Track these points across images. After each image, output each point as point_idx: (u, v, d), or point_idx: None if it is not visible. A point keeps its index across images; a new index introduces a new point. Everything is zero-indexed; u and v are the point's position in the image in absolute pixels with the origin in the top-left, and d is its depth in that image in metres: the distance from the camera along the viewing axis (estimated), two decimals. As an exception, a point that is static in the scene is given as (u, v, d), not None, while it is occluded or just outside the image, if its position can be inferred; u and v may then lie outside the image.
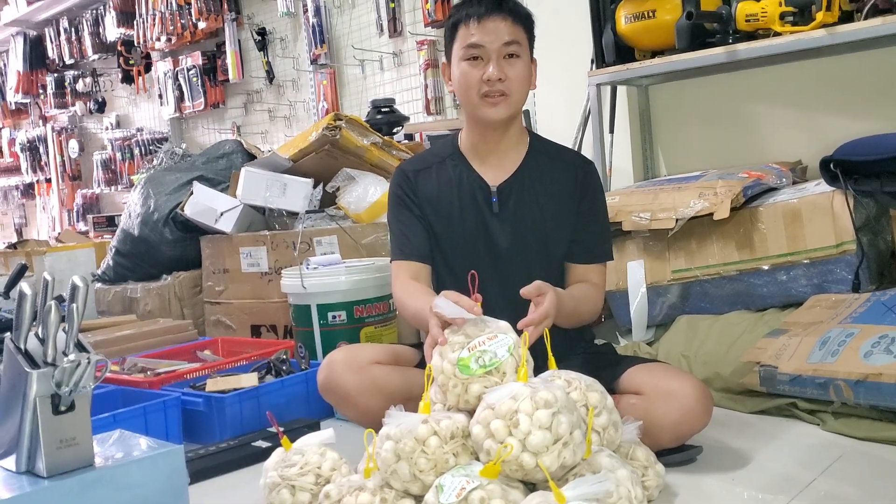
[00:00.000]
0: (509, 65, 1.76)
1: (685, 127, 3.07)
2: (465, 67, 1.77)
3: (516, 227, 1.83)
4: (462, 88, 1.80)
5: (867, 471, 1.61)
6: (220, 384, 2.17)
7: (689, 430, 1.64)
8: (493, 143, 1.85)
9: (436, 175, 1.88)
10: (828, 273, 2.23)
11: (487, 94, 1.76)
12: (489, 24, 1.74)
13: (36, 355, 1.40)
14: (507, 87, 1.76)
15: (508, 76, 1.75)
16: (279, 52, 4.77)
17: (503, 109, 1.78)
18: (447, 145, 1.93)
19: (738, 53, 2.48)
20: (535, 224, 1.83)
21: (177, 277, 3.29)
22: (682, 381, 1.66)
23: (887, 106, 2.60)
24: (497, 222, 1.83)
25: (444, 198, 1.86)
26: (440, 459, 1.34)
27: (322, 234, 2.82)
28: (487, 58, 1.75)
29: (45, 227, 6.91)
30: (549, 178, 1.85)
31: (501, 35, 1.74)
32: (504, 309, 1.77)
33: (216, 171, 3.46)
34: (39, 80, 6.61)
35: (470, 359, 1.40)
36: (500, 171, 1.85)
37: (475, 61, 1.76)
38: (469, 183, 1.85)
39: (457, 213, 1.85)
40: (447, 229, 1.86)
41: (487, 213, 1.83)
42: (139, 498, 1.46)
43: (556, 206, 1.84)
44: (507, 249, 1.82)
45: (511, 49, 1.75)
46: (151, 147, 5.61)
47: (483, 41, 1.74)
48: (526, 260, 1.82)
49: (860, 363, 1.78)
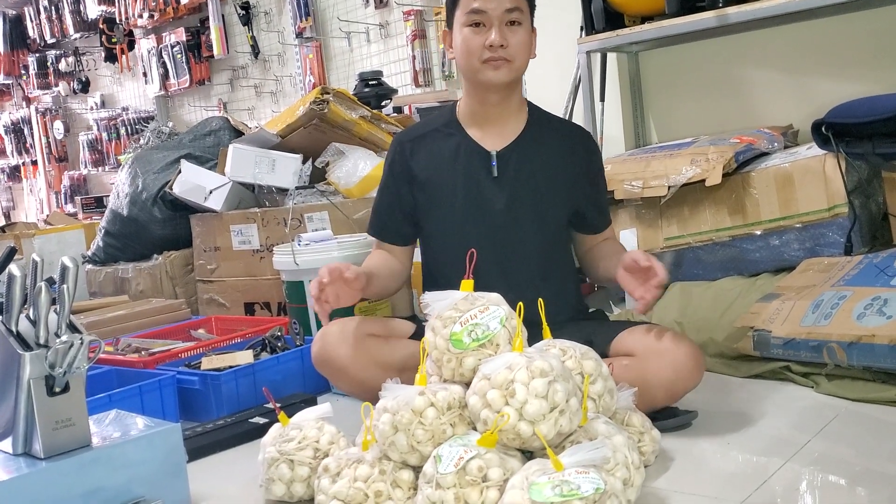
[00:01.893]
0: (511, 31, 1.78)
1: (676, 93, 3.05)
2: (468, 33, 1.78)
3: (514, 191, 1.85)
4: (464, 54, 1.80)
5: (861, 431, 1.62)
6: (215, 362, 2.17)
7: (682, 387, 1.65)
8: (492, 111, 1.86)
9: (432, 142, 1.90)
10: (820, 237, 2.23)
11: (490, 60, 1.78)
12: None
13: (28, 337, 1.39)
14: (509, 53, 1.78)
15: (510, 42, 1.77)
16: (264, 26, 4.71)
17: (505, 74, 1.79)
18: (444, 114, 1.96)
19: (728, 17, 2.46)
20: (533, 190, 1.85)
21: (168, 257, 3.27)
22: (674, 339, 1.67)
23: (878, 68, 2.59)
24: (494, 187, 1.85)
25: (438, 164, 1.88)
26: (437, 430, 1.34)
27: (313, 210, 2.80)
28: (489, 24, 1.76)
29: (33, 210, 6.85)
30: (548, 148, 1.88)
31: (504, 1, 1.76)
32: (495, 273, 1.81)
33: (204, 149, 3.43)
34: (21, 60, 6.52)
35: (462, 333, 1.40)
36: (499, 138, 1.87)
37: (477, 27, 1.78)
38: (466, 150, 1.86)
39: (450, 179, 1.86)
40: (441, 195, 1.87)
41: (485, 177, 1.85)
42: (137, 477, 1.46)
43: (555, 175, 1.87)
44: (500, 212, 1.84)
45: (513, 16, 1.77)
46: (138, 126, 5.55)
47: (485, 7, 1.76)
48: (520, 224, 1.85)
49: (853, 325, 1.79)
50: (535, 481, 1.18)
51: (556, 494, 1.15)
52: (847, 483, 1.41)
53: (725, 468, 1.52)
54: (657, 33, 2.66)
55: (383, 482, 1.34)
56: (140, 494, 1.46)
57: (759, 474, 1.45)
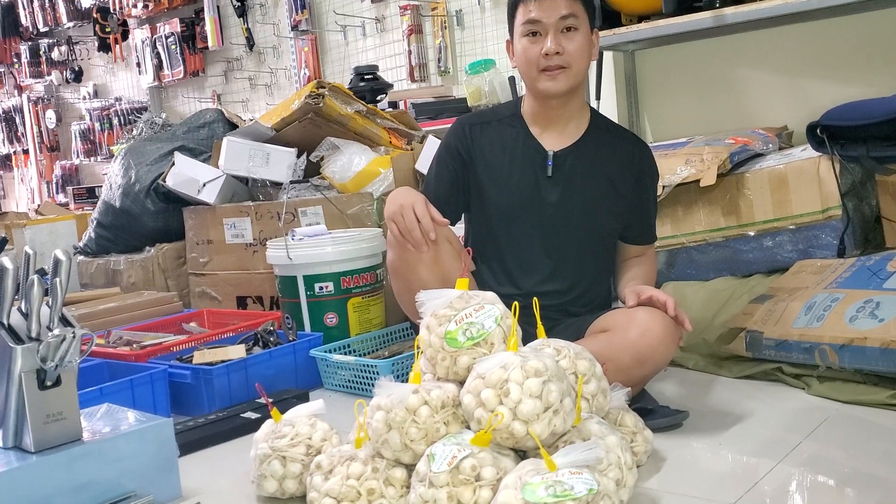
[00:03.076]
0: (567, 38, 1.81)
1: (671, 93, 3.06)
2: (525, 43, 1.83)
3: (566, 190, 1.90)
4: (523, 64, 1.86)
5: (852, 433, 1.63)
6: (207, 356, 2.16)
7: (650, 352, 1.65)
8: (553, 114, 1.91)
9: (494, 131, 1.94)
10: (813, 238, 2.24)
11: (547, 69, 1.82)
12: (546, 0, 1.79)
13: (20, 330, 1.38)
14: (566, 61, 1.81)
15: (566, 49, 1.80)
16: (259, 18, 4.68)
17: (562, 82, 1.83)
18: (509, 107, 2.01)
19: (725, 18, 2.47)
20: (584, 191, 1.90)
21: (160, 249, 3.26)
22: (647, 311, 1.70)
23: (874, 71, 2.59)
24: (548, 184, 1.90)
25: (498, 154, 1.93)
26: (431, 429, 1.34)
27: (307, 205, 2.79)
28: (545, 32, 1.80)
29: (24, 200, 6.81)
30: (606, 154, 1.92)
31: (558, 9, 1.79)
32: (544, 259, 1.92)
33: (197, 141, 3.41)
34: (13, 48, 6.47)
35: (457, 331, 1.40)
36: (559, 139, 1.92)
37: (534, 37, 1.82)
38: (525, 145, 1.92)
39: (507, 170, 1.92)
40: (496, 182, 1.93)
41: (541, 174, 1.90)
42: (129, 471, 1.46)
43: (609, 181, 1.91)
44: (554, 205, 1.89)
45: (568, 22, 1.80)
46: (131, 117, 5.51)
47: (540, 16, 1.80)
48: (568, 220, 1.90)
49: (845, 327, 1.80)
50: (528, 481, 1.18)
51: (549, 495, 1.15)
52: (837, 484, 1.41)
53: (717, 469, 1.53)
54: (654, 33, 2.66)
55: (376, 480, 1.34)
56: (131, 489, 1.45)
57: (751, 475, 1.46)
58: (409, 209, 1.71)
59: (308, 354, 2.25)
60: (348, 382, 2.19)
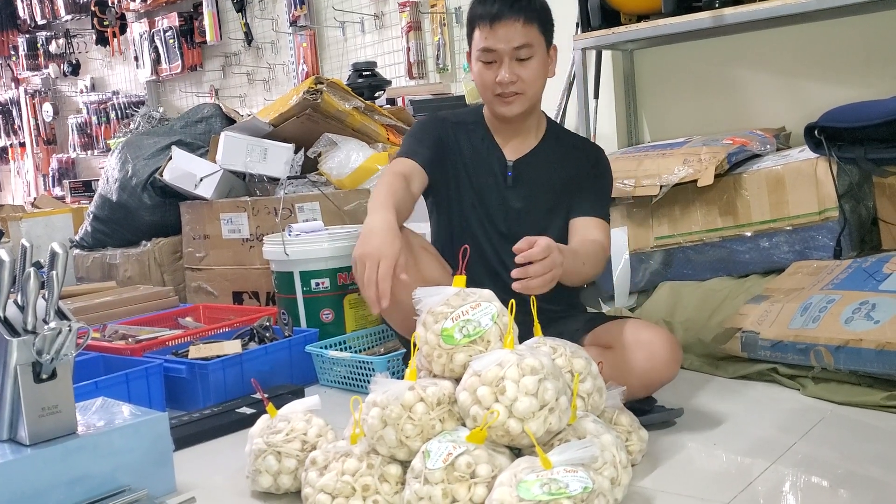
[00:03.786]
0: (522, 66, 1.81)
1: (670, 93, 3.06)
2: (481, 68, 1.84)
3: (524, 197, 1.91)
4: (479, 87, 1.88)
5: (846, 435, 1.63)
6: (203, 351, 2.16)
7: (658, 378, 1.68)
8: (512, 130, 1.94)
9: (463, 134, 1.95)
10: (810, 240, 2.25)
11: (502, 94, 1.83)
12: (501, 28, 1.78)
13: (16, 323, 1.38)
14: (520, 87, 1.82)
15: (521, 77, 1.81)
16: (258, 13, 4.68)
17: (517, 107, 1.85)
18: (474, 112, 2.02)
19: (724, 18, 2.47)
20: (540, 198, 1.91)
21: (156, 243, 3.25)
22: (651, 331, 1.70)
23: (872, 73, 2.60)
24: (511, 192, 1.92)
25: (465, 156, 1.94)
26: (427, 425, 1.34)
27: (304, 201, 2.79)
28: (500, 60, 1.80)
29: (21, 193, 6.79)
30: (562, 161, 1.93)
31: (512, 39, 1.78)
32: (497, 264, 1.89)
33: (195, 136, 3.41)
34: (10, 40, 6.45)
35: (454, 329, 1.40)
36: (519, 148, 1.94)
37: (489, 64, 1.82)
38: (489, 152, 1.93)
39: (472, 174, 1.93)
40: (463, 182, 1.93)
41: (502, 183, 1.92)
42: (123, 465, 1.46)
43: (563, 187, 1.91)
44: (519, 210, 1.90)
45: (522, 53, 1.80)
46: (128, 111, 5.50)
47: (495, 46, 1.79)
48: (537, 218, 1.89)
49: (841, 329, 1.80)
50: (523, 479, 1.18)
51: (544, 492, 1.15)
52: (831, 486, 1.42)
53: (711, 469, 1.53)
54: (653, 32, 2.66)
55: (371, 476, 1.34)
56: (126, 483, 1.45)
57: (745, 475, 1.46)
58: (374, 265, 1.53)
59: (304, 350, 2.25)
60: (344, 379, 2.19)
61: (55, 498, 1.37)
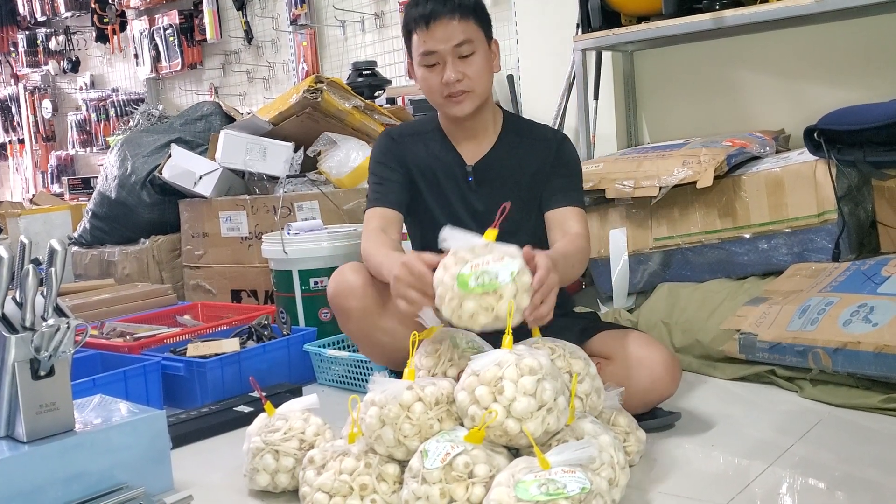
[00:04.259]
0: (466, 64, 1.77)
1: (670, 94, 3.06)
2: (425, 73, 1.80)
3: (490, 200, 1.85)
4: (426, 92, 1.83)
5: (844, 437, 1.63)
6: (201, 349, 2.16)
7: (657, 397, 1.68)
8: (467, 128, 1.89)
9: (420, 145, 1.91)
10: (808, 242, 2.25)
11: (450, 95, 1.78)
12: (438, 28, 1.74)
13: (14, 320, 1.38)
14: (468, 85, 1.77)
15: (467, 74, 1.77)
16: (258, 11, 4.67)
17: (468, 105, 1.80)
18: (429, 120, 1.97)
19: (724, 20, 2.47)
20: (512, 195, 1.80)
21: (155, 241, 3.25)
22: (652, 349, 1.69)
23: (872, 76, 2.60)
24: (474, 196, 1.88)
25: (426, 166, 1.90)
26: (425, 425, 1.34)
27: (303, 199, 2.79)
28: (443, 61, 1.76)
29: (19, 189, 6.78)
30: (523, 155, 1.88)
31: (452, 37, 1.74)
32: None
33: (194, 134, 3.41)
34: (10, 37, 6.43)
35: (470, 276, 1.37)
36: (477, 149, 1.90)
37: (432, 67, 1.78)
38: (448, 158, 1.89)
39: (435, 182, 1.89)
40: (429, 192, 1.90)
41: (465, 187, 1.88)
42: (121, 463, 1.46)
43: (531, 181, 1.87)
44: (482, 213, 1.85)
45: (463, 49, 1.75)
46: (127, 108, 5.49)
47: (435, 47, 1.75)
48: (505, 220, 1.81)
49: (839, 331, 1.80)
50: (521, 479, 1.18)
51: (542, 493, 1.15)
52: (828, 488, 1.42)
53: (709, 470, 1.53)
54: (653, 34, 2.66)
55: (369, 475, 1.34)
56: (123, 480, 1.45)
57: (742, 477, 1.47)
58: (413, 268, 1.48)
59: (302, 349, 2.25)
60: (342, 378, 2.19)
61: (52, 495, 1.37)
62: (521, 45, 3.37)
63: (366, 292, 1.76)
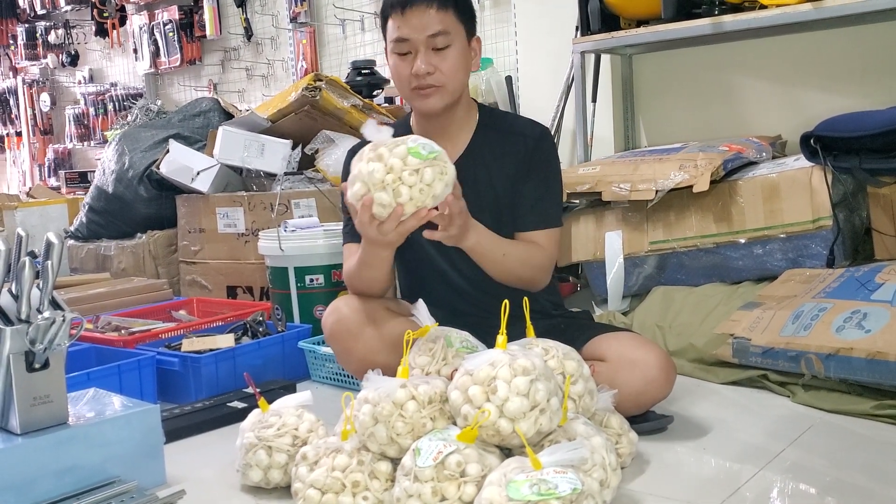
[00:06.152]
0: (439, 57, 1.70)
1: (667, 98, 3.07)
2: (396, 61, 1.72)
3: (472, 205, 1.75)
4: (396, 82, 1.76)
5: (835, 442, 1.64)
6: (195, 344, 2.16)
7: (650, 398, 1.67)
8: (438, 127, 1.80)
9: None
10: (803, 248, 2.26)
11: (419, 87, 1.72)
12: (413, 16, 1.67)
13: (9, 312, 1.38)
14: (438, 79, 1.70)
15: (438, 68, 1.70)
16: (258, 8, 4.67)
17: (436, 101, 1.73)
18: (400, 126, 1.89)
19: (723, 25, 2.48)
20: (489, 202, 1.79)
21: (151, 236, 3.25)
22: (647, 350, 1.68)
23: (868, 83, 2.61)
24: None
25: None
26: (417, 423, 1.34)
27: (300, 197, 2.79)
28: (415, 50, 1.69)
29: (16, 182, 6.77)
30: (499, 153, 1.81)
31: (427, 27, 1.67)
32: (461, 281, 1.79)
33: (192, 130, 3.41)
34: (9, 30, 6.42)
35: (418, 146, 1.45)
36: (450, 151, 1.78)
37: (404, 56, 1.71)
38: None
39: None
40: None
41: None
42: (114, 456, 1.46)
43: (508, 181, 1.80)
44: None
45: (438, 41, 1.69)
46: (126, 103, 5.49)
47: (408, 34, 1.68)
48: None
49: (832, 337, 1.81)
50: (513, 479, 1.18)
51: (533, 493, 1.15)
52: (819, 493, 1.42)
53: (700, 473, 1.53)
54: (652, 37, 2.67)
55: (361, 473, 1.35)
56: (115, 474, 1.45)
57: (733, 481, 1.47)
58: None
59: (296, 346, 2.25)
60: (336, 375, 2.19)
61: (44, 487, 1.37)
62: (521, 47, 3.37)
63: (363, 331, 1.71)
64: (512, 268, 1.71)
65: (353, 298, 1.77)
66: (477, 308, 1.81)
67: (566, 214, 2.66)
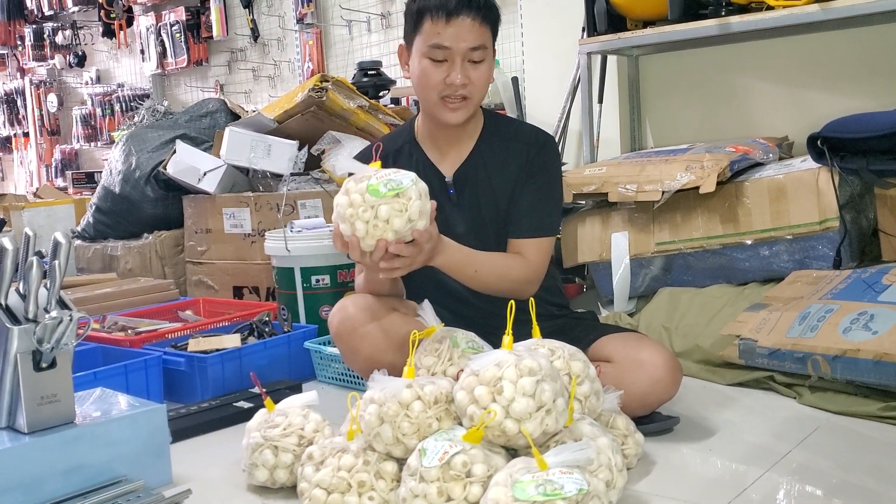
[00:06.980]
0: (473, 69, 1.69)
1: (674, 99, 3.06)
2: (428, 66, 1.69)
3: (474, 214, 1.80)
4: (422, 86, 1.72)
5: (841, 444, 1.64)
6: (202, 344, 2.16)
7: (656, 399, 1.67)
8: (450, 136, 1.81)
9: (405, 161, 1.82)
10: (810, 249, 2.25)
11: (448, 97, 1.70)
12: (457, 24, 1.65)
13: (17, 311, 1.39)
14: (469, 91, 1.70)
15: (472, 80, 1.69)
16: (265, 9, 4.68)
17: (462, 114, 1.72)
18: (404, 132, 1.89)
19: (730, 26, 2.47)
20: (492, 210, 1.80)
21: (158, 236, 3.26)
22: (653, 351, 1.67)
23: (876, 84, 2.61)
24: (456, 211, 1.80)
25: None
26: (423, 424, 1.34)
27: (306, 197, 2.80)
28: (452, 60, 1.67)
29: (23, 182, 6.80)
30: (501, 161, 1.80)
31: (469, 38, 1.66)
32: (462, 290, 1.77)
33: (199, 130, 3.42)
34: (17, 30, 6.45)
35: (378, 184, 1.46)
36: (455, 158, 1.82)
37: (438, 63, 1.68)
38: (425, 173, 1.76)
39: None
40: None
41: (445, 201, 1.78)
42: (120, 456, 1.46)
43: (510, 188, 1.79)
44: (463, 235, 1.74)
45: (476, 55, 1.68)
46: (133, 103, 5.51)
47: (450, 44, 1.66)
48: (482, 241, 1.76)
49: (839, 339, 1.81)
50: (518, 479, 1.18)
51: (539, 493, 1.15)
52: (825, 495, 1.42)
53: (706, 474, 1.53)
54: (659, 38, 2.67)
55: (367, 473, 1.35)
56: (122, 473, 1.46)
57: (739, 482, 1.47)
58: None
59: (302, 346, 2.26)
60: (341, 375, 2.19)
61: (52, 486, 1.38)
62: (527, 48, 3.37)
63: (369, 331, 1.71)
64: (487, 282, 1.70)
65: (359, 297, 1.77)
66: (478, 312, 1.82)
67: (572, 216, 2.66)
